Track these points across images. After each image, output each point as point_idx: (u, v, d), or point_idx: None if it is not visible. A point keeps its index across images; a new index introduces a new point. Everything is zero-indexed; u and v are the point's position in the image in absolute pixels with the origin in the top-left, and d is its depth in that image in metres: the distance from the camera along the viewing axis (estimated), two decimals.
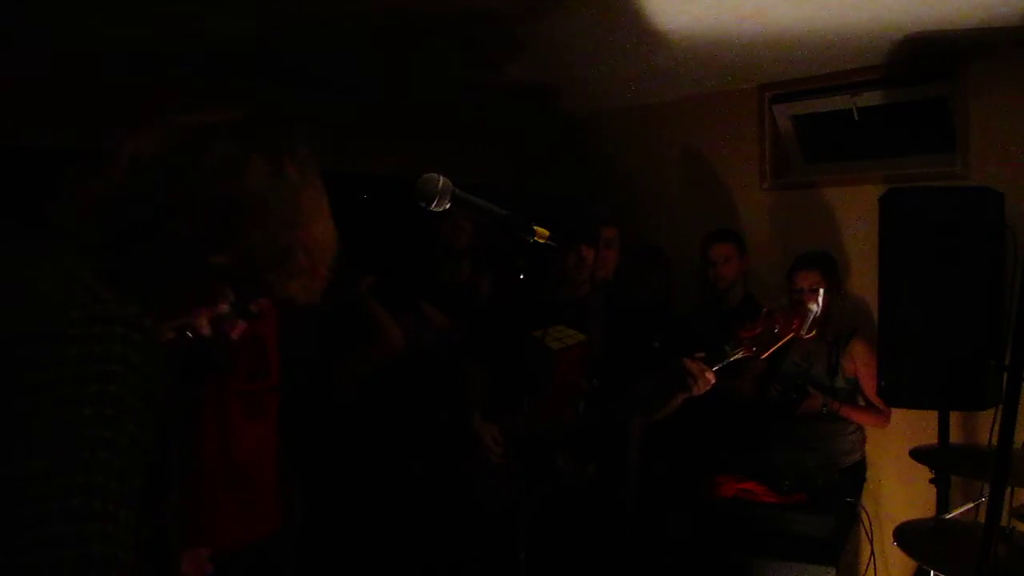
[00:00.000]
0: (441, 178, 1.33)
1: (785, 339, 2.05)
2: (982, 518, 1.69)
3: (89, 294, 0.84)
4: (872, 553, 2.85)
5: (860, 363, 3.06)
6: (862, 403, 3.14)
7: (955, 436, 2.86)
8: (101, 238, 0.93)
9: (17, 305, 0.84)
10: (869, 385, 3.01)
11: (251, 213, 0.95)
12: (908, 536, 2.08)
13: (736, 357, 2.11)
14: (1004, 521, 1.80)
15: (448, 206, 1.35)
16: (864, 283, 3.34)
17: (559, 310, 2.47)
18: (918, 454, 2.39)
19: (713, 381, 2.12)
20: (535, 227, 1.53)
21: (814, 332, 2.12)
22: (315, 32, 2.82)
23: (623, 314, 2.51)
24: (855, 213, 3.46)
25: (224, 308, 1.03)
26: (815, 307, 2.06)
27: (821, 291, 2.25)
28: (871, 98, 3.42)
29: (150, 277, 0.92)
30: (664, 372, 2.20)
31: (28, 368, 0.79)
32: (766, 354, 2.09)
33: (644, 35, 2.87)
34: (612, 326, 2.45)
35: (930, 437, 2.72)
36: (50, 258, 0.90)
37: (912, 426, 2.89)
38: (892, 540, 2.13)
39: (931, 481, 2.65)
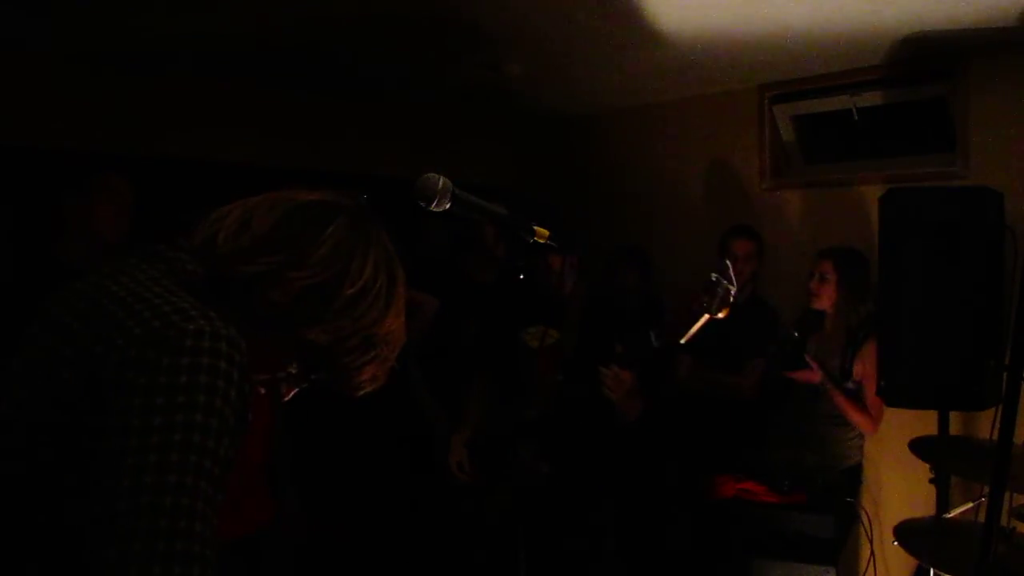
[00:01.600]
0: (441, 178, 1.33)
1: (701, 320, 1.95)
2: (982, 518, 1.69)
3: (200, 312, 0.90)
4: (872, 553, 2.85)
5: (867, 364, 2.99)
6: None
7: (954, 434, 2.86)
8: (207, 282, 0.99)
9: (135, 315, 0.89)
10: (870, 387, 2.99)
11: (349, 300, 1.01)
12: (908, 534, 2.08)
13: (659, 344, 2.11)
14: (1004, 521, 1.80)
15: (448, 206, 1.35)
16: None
17: (543, 309, 2.50)
18: (917, 446, 2.39)
19: (627, 381, 2.14)
20: (535, 227, 1.53)
21: (726, 311, 1.94)
22: (314, 32, 2.82)
23: (596, 315, 2.54)
24: (855, 213, 3.46)
25: (282, 374, 1.08)
26: (715, 277, 1.90)
27: (729, 263, 2.00)
28: (871, 98, 3.42)
29: (240, 327, 0.96)
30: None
31: (144, 372, 0.84)
32: (685, 337, 2.03)
33: (644, 35, 2.87)
34: (586, 326, 2.49)
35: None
36: (162, 283, 0.96)
37: (912, 426, 2.88)
38: (892, 539, 2.12)
39: (931, 481, 2.65)
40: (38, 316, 1.00)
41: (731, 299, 1.89)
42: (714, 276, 1.90)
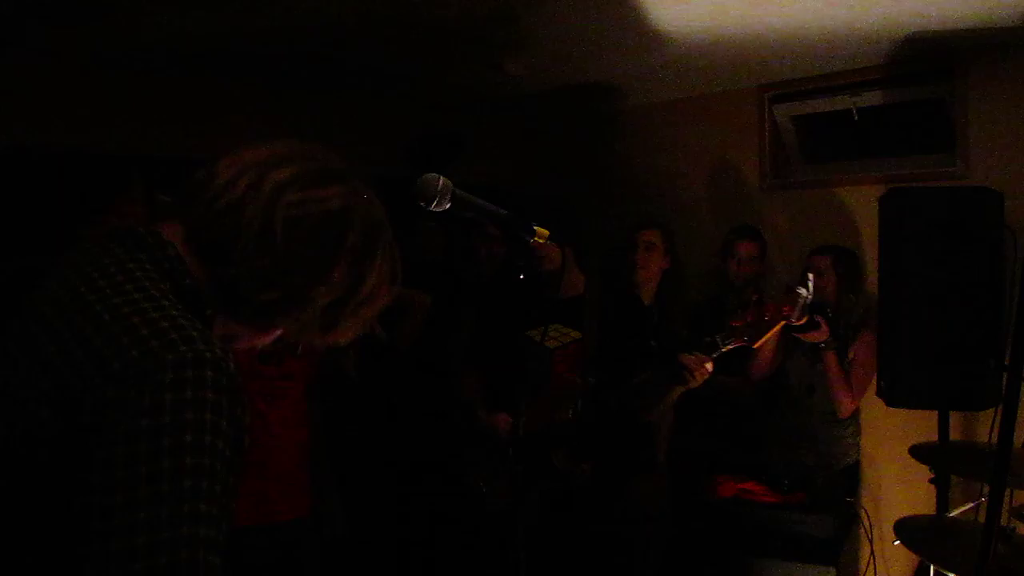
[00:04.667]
0: (441, 178, 1.33)
1: (777, 327, 2.02)
2: (982, 518, 1.69)
3: (180, 333, 0.83)
4: (872, 553, 2.85)
5: (860, 349, 3.03)
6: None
7: (955, 435, 2.86)
8: (200, 246, 0.93)
9: (111, 340, 0.82)
10: (858, 369, 3.00)
11: (360, 303, 0.98)
12: (908, 531, 2.08)
13: (729, 348, 2.12)
14: (1004, 521, 1.80)
15: (448, 206, 1.35)
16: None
17: (556, 309, 2.47)
18: (918, 451, 2.39)
19: (710, 371, 2.12)
20: (535, 227, 1.53)
21: (805, 318, 2.07)
22: (315, 32, 2.82)
23: (620, 311, 2.51)
24: (855, 213, 3.46)
25: (267, 341, 1.04)
26: (805, 293, 2.01)
27: (811, 276, 2.14)
28: (871, 98, 3.42)
29: (240, 295, 0.93)
30: (660, 367, 2.20)
31: (125, 415, 0.78)
32: (759, 342, 2.08)
33: (644, 35, 2.87)
34: (608, 323, 2.45)
35: (930, 436, 2.71)
36: (143, 285, 0.88)
37: (912, 425, 2.89)
38: (892, 538, 2.12)
39: (931, 481, 2.65)
40: (15, 323, 0.91)
41: (808, 306, 2.00)
42: (799, 289, 2.00)
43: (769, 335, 2.07)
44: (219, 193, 0.93)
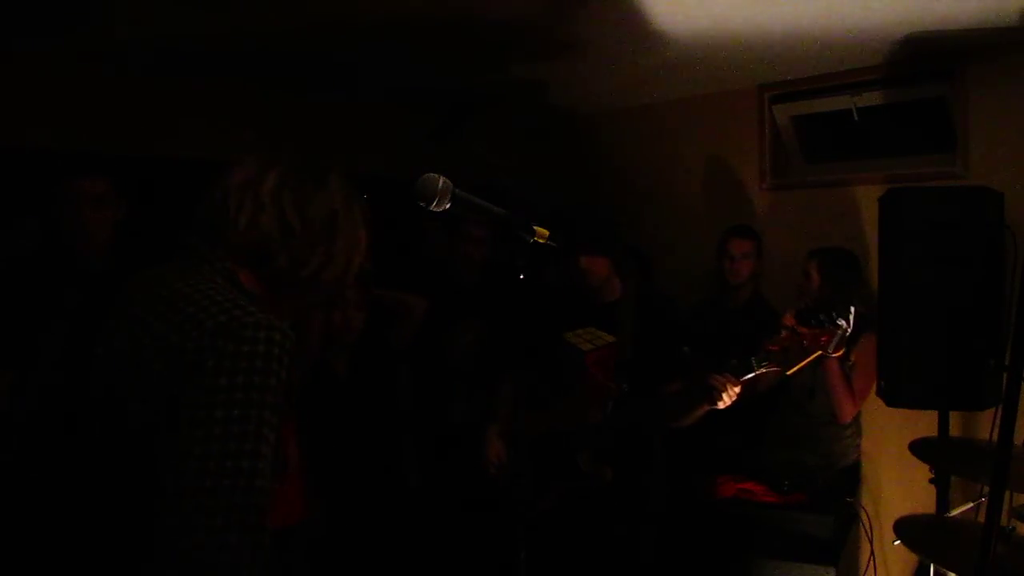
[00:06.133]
0: (441, 178, 1.34)
1: (813, 356, 1.99)
2: (982, 518, 1.69)
3: (254, 309, 1.11)
4: (872, 553, 2.85)
5: (861, 353, 3.01)
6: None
7: (954, 435, 2.86)
8: (238, 259, 1.21)
9: (203, 310, 1.09)
10: (860, 373, 2.99)
11: (341, 219, 1.27)
12: (908, 531, 2.08)
13: (762, 371, 2.08)
14: (1004, 521, 1.80)
15: (448, 206, 1.35)
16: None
17: (591, 313, 2.48)
18: (917, 448, 2.39)
19: (737, 395, 2.09)
20: (535, 227, 1.53)
21: (842, 351, 2.03)
22: (316, 33, 2.82)
23: (654, 319, 2.51)
24: (855, 213, 3.46)
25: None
26: (845, 325, 1.98)
27: (852, 309, 2.07)
28: (871, 98, 3.42)
29: (285, 281, 1.23)
30: (690, 383, 2.19)
31: (212, 356, 1.04)
32: (793, 370, 2.05)
33: (644, 35, 2.87)
34: (642, 330, 2.46)
35: (929, 436, 2.72)
36: (217, 282, 1.17)
37: (912, 425, 2.89)
38: (892, 538, 2.12)
39: (931, 481, 2.65)
40: (116, 311, 1.21)
41: (846, 340, 1.99)
42: (840, 321, 1.98)
43: (804, 364, 2.03)
44: (235, 218, 1.20)
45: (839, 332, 1.98)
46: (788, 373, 2.08)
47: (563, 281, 2.54)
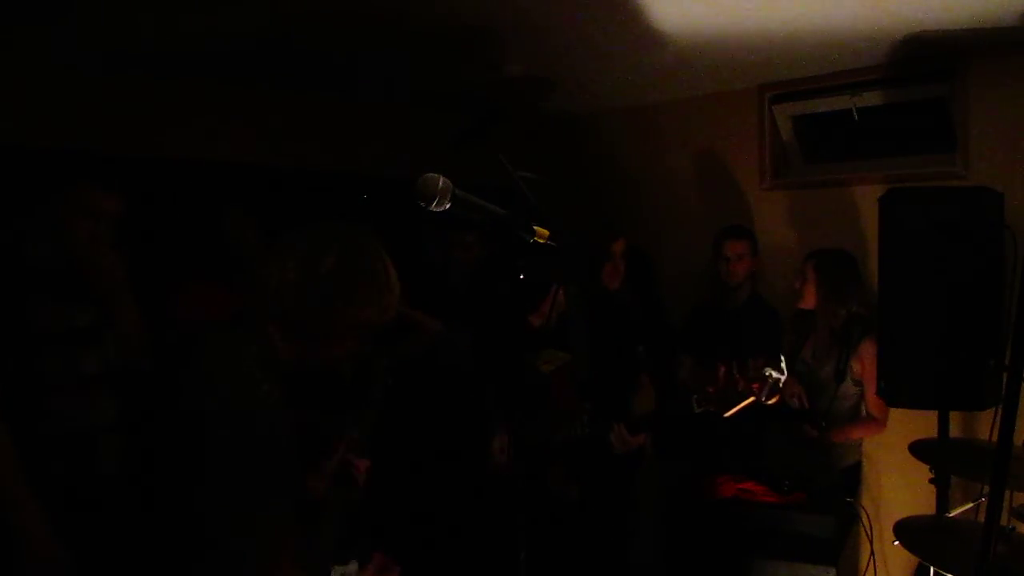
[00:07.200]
0: (441, 178, 1.33)
1: (745, 402, 2.13)
2: (982, 518, 1.69)
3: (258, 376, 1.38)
4: (872, 553, 2.85)
5: (867, 363, 3.01)
6: (863, 411, 3.13)
7: (955, 435, 2.86)
8: (280, 325, 1.45)
9: (226, 380, 1.36)
10: (870, 387, 2.99)
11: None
12: (908, 531, 2.08)
13: (701, 411, 2.25)
14: (1004, 521, 1.80)
15: (448, 206, 1.35)
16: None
17: (545, 330, 2.50)
18: (917, 448, 2.39)
19: (631, 444, 2.32)
20: (535, 227, 1.53)
21: (776, 398, 2.15)
22: (315, 33, 2.82)
23: (604, 323, 2.54)
24: (855, 213, 3.46)
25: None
26: (775, 375, 2.11)
27: (783, 358, 2.19)
28: (871, 98, 3.42)
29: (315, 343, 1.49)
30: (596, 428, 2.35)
31: (230, 426, 1.30)
32: (729, 412, 2.18)
33: (644, 35, 2.87)
34: (595, 338, 2.48)
35: (930, 436, 2.71)
36: (239, 347, 1.41)
37: (912, 425, 2.89)
38: (892, 538, 2.12)
39: (931, 481, 2.64)
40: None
41: (780, 387, 2.11)
42: (767, 371, 2.10)
43: (738, 409, 2.16)
44: (279, 286, 1.43)
45: (769, 381, 2.10)
46: (724, 416, 2.21)
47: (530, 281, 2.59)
